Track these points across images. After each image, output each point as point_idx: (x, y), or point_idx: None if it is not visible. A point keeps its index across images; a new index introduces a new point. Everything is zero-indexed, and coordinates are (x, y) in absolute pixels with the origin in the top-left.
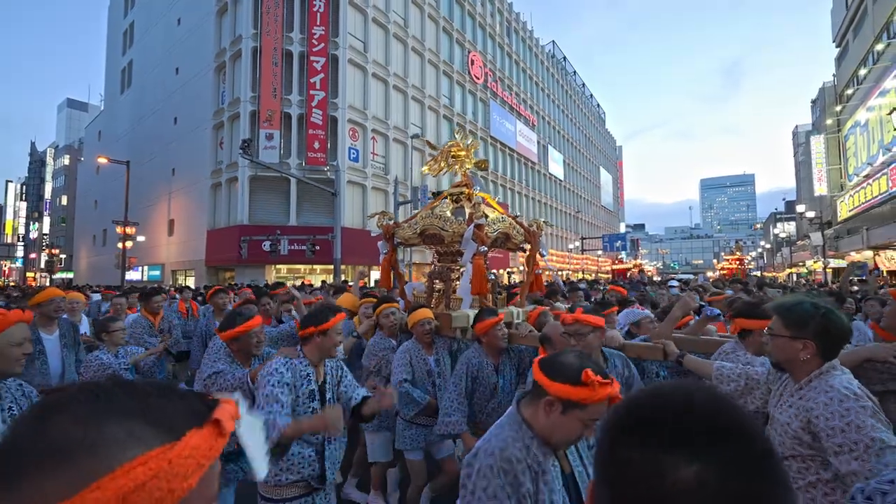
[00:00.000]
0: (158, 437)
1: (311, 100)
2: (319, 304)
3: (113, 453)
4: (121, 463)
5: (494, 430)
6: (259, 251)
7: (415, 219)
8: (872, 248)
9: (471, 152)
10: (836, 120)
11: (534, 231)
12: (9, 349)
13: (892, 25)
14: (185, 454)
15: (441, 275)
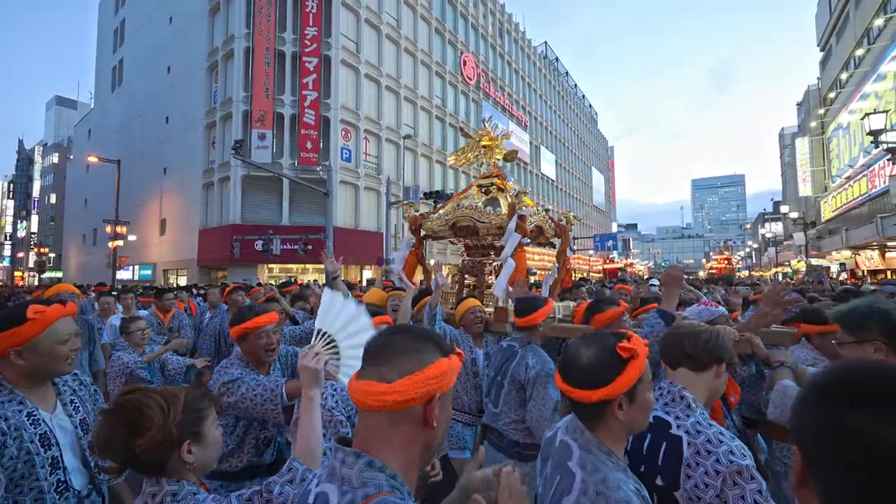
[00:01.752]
0: (441, 354)
1: (303, 100)
2: None
3: (429, 356)
4: (433, 361)
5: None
6: (251, 251)
7: (442, 210)
8: (851, 248)
9: (501, 143)
10: (821, 122)
11: (564, 225)
12: (56, 348)
13: (872, 31)
14: (451, 364)
15: (473, 269)
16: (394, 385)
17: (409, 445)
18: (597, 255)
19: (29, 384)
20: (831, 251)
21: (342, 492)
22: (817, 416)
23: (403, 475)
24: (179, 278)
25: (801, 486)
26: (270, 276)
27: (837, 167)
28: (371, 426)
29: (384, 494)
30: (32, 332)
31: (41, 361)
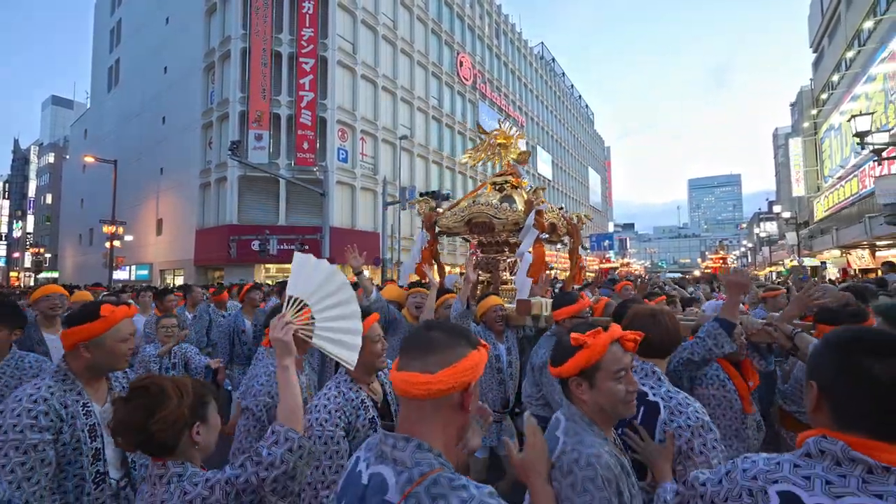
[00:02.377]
0: (472, 347)
1: (300, 101)
2: None
3: (463, 349)
4: (467, 353)
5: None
6: (248, 251)
7: (457, 207)
8: (841, 247)
9: (515, 142)
10: (813, 123)
11: (576, 224)
12: (117, 346)
13: (862, 34)
14: (481, 355)
15: (488, 265)
16: (437, 375)
17: (448, 427)
18: (593, 254)
19: (89, 376)
20: (823, 250)
21: (398, 472)
22: (838, 360)
23: (445, 453)
24: (176, 278)
25: (815, 411)
26: (267, 275)
27: (829, 167)
28: (414, 412)
29: (437, 471)
30: (101, 329)
31: (103, 357)
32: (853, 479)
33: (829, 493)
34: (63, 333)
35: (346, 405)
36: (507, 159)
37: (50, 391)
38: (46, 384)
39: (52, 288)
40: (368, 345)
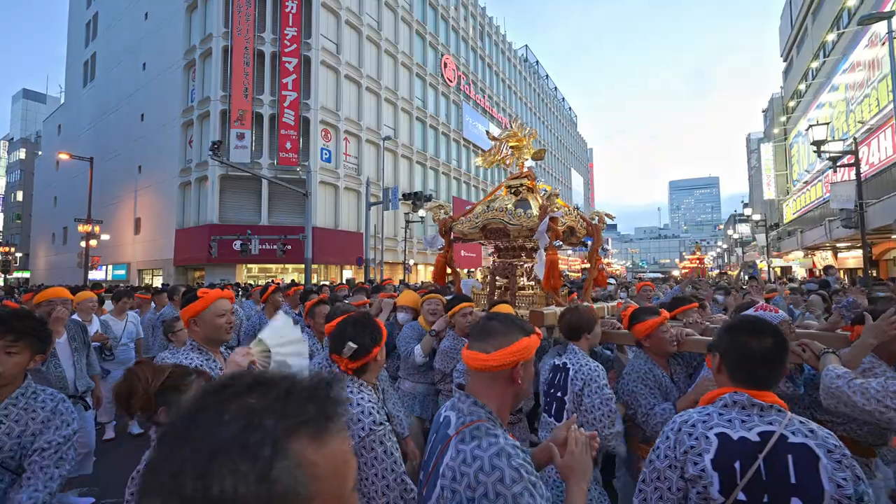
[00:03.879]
0: (524, 334)
1: (283, 100)
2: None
3: (515, 336)
4: (518, 339)
5: None
6: (229, 250)
7: (472, 213)
8: (806, 249)
9: (529, 143)
10: (783, 129)
11: (596, 225)
12: (216, 320)
13: (827, 46)
14: (531, 340)
15: (504, 270)
16: (492, 355)
17: (502, 393)
18: (575, 255)
19: (210, 348)
20: (790, 252)
21: (458, 416)
22: (731, 338)
23: (497, 412)
24: (155, 278)
25: (718, 373)
26: (249, 275)
27: (798, 172)
28: (477, 380)
29: (482, 421)
30: (201, 307)
31: (207, 329)
32: (755, 416)
33: (744, 427)
34: (181, 313)
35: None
36: (521, 161)
37: (194, 360)
38: (190, 357)
39: (56, 292)
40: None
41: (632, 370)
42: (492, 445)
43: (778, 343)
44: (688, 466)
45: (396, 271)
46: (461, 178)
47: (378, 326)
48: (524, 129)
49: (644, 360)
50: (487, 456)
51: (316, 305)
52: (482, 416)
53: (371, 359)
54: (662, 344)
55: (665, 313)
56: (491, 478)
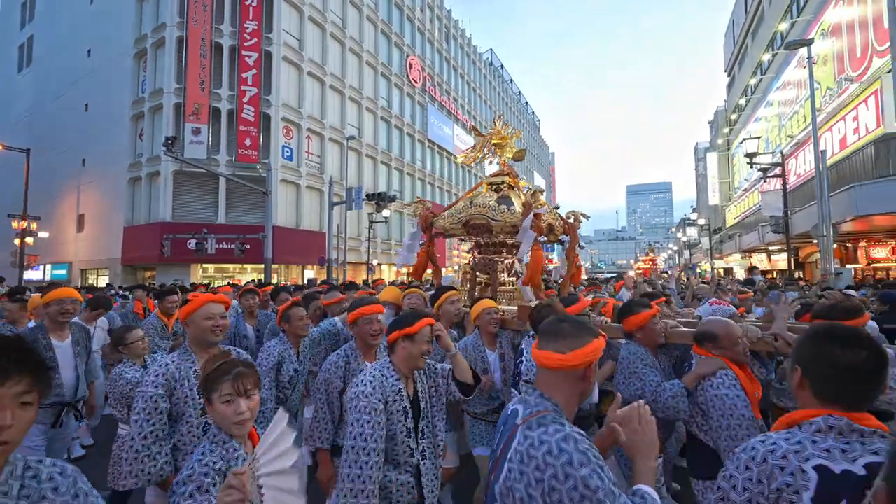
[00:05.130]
0: (594, 336)
1: (242, 95)
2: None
3: (588, 337)
4: (591, 340)
5: None
6: (184, 250)
7: (454, 207)
8: (743, 251)
9: (512, 141)
10: (726, 140)
11: (572, 223)
12: (203, 322)
13: (763, 65)
14: (601, 342)
15: (486, 266)
16: (568, 355)
17: (571, 389)
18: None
19: (196, 349)
20: (730, 254)
21: (525, 408)
22: (815, 348)
23: (563, 406)
24: (100, 278)
25: (799, 389)
26: (205, 275)
27: (738, 180)
28: (547, 377)
29: (548, 412)
30: (190, 309)
31: (195, 331)
32: (856, 444)
33: (846, 458)
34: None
35: (386, 385)
36: (503, 158)
37: (172, 360)
38: (172, 356)
39: (66, 292)
40: (420, 342)
41: (629, 354)
42: (558, 431)
43: (876, 355)
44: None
45: (360, 272)
46: (426, 179)
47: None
48: (507, 127)
49: (637, 346)
50: (555, 440)
51: (290, 308)
52: (548, 408)
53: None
54: (654, 335)
55: (655, 306)
56: (559, 460)
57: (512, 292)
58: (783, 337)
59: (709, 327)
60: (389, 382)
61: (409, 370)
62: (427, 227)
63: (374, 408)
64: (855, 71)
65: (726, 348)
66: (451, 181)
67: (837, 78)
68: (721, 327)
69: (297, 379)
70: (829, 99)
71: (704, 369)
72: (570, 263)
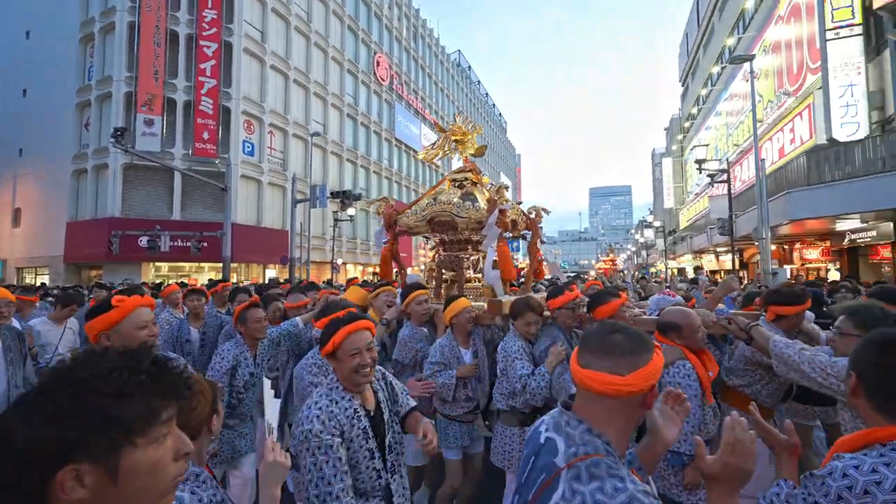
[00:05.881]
0: (652, 350)
1: (200, 87)
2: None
3: (648, 354)
4: (651, 358)
5: None
6: (134, 247)
7: (418, 204)
8: (694, 252)
9: (473, 138)
10: (681, 146)
11: (534, 219)
12: (135, 332)
13: (713, 77)
14: (661, 359)
15: (451, 263)
16: (627, 378)
17: (627, 420)
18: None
19: None
20: (682, 255)
21: (567, 444)
22: (878, 358)
23: (616, 443)
24: (39, 277)
25: (854, 397)
26: (158, 274)
27: (690, 185)
28: (595, 406)
29: (599, 455)
30: (116, 318)
31: (124, 344)
32: None
33: None
34: (86, 327)
35: (339, 414)
36: (464, 155)
37: None
38: None
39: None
40: (346, 359)
41: None
42: (619, 492)
43: None
44: None
45: (324, 271)
46: (392, 177)
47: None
48: (468, 123)
49: None
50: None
51: (248, 310)
52: (599, 450)
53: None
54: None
55: (624, 295)
56: None
57: (479, 289)
58: (735, 321)
59: (672, 317)
60: (341, 406)
61: (355, 385)
62: (391, 226)
63: (328, 445)
64: (792, 85)
65: (687, 337)
66: (419, 180)
67: (777, 91)
68: (682, 317)
69: (252, 383)
70: (770, 111)
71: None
72: (533, 258)
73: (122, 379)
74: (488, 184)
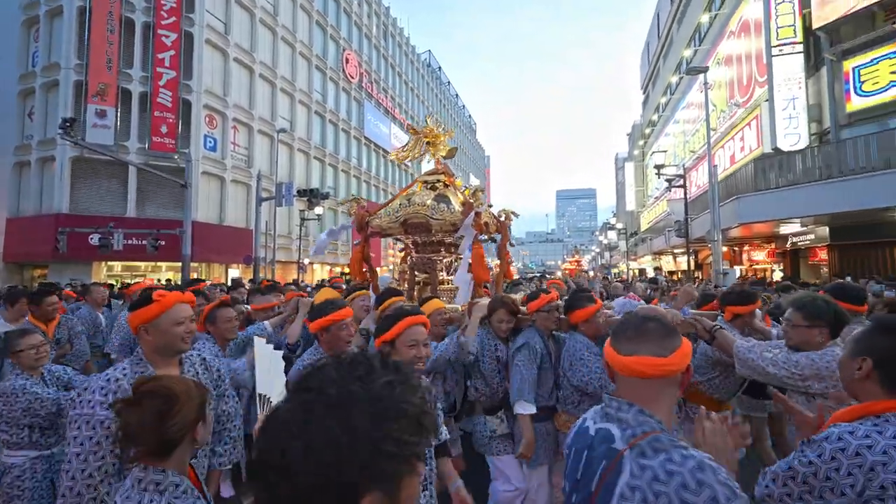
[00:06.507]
0: (679, 335)
1: (158, 78)
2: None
3: (677, 338)
4: (682, 339)
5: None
6: (84, 245)
7: (391, 206)
8: (653, 253)
9: (444, 139)
10: (642, 151)
11: (503, 221)
12: (172, 328)
13: (672, 86)
14: (686, 341)
15: (425, 266)
16: (670, 358)
17: (671, 401)
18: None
19: (158, 359)
20: (643, 256)
21: (622, 428)
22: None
23: (666, 423)
24: None
25: (865, 380)
26: (110, 274)
27: (651, 189)
28: (642, 389)
29: (657, 433)
30: (156, 312)
31: (162, 338)
32: None
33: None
34: (128, 319)
35: None
36: (436, 157)
37: (124, 373)
38: (122, 366)
39: None
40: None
41: (575, 343)
42: (687, 458)
43: None
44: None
45: (290, 271)
46: (361, 176)
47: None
48: (440, 125)
49: (581, 336)
50: (687, 471)
51: (218, 309)
52: (655, 427)
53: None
54: (597, 328)
55: (599, 301)
56: (701, 496)
57: (452, 291)
58: (700, 321)
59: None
60: None
61: None
62: (362, 227)
63: None
64: (742, 97)
65: None
66: (388, 180)
67: (729, 102)
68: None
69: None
70: (723, 120)
71: None
72: (503, 260)
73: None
74: (461, 186)
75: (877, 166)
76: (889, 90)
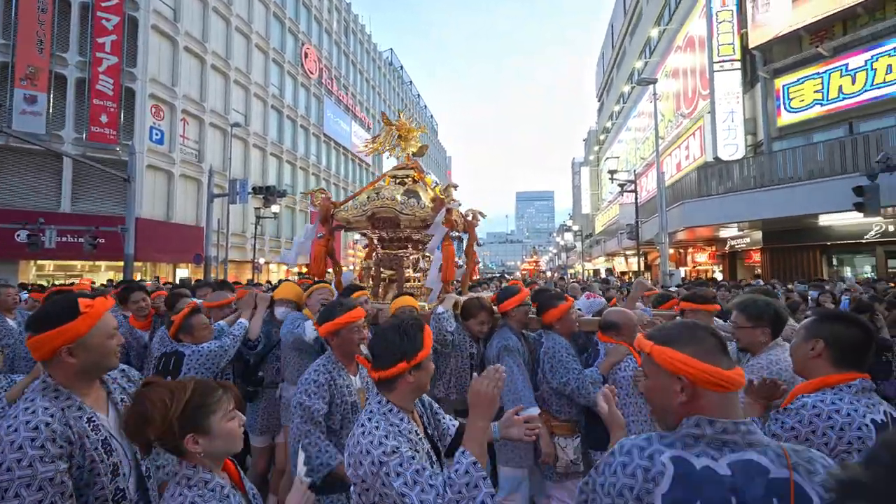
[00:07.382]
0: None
1: (97, 63)
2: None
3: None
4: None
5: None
6: (9, 242)
7: (357, 199)
8: (607, 255)
9: (416, 136)
10: (597, 156)
11: (471, 221)
12: (106, 343)
13: (624, 95)
14: None
15: (391, 262)
16: (737, 370)
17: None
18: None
19: (80, 384)
20: (597, 257)
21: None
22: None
23: None
24: None
25: (817, 358)
26: (41, 274)
27: (604, 193)
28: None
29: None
30: (86, 327)
31: (92, 358)
32: (875, 400)
33: (876, 411)
34: (35, 341)
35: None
36: (407, 152)
37: (48, 413)
38: (41, 406)
39: None
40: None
41: (554, 345)
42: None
43: (870, 332)
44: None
45: (244, 270)
46: (321, 174)
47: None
48: (412, 121)
49: (558, 336)
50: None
51: (190, 317)
52: (766, 438)
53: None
54: (571, 325)
55: (570, 299)
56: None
57: (420, 288)
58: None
59: (612, 317)
60: (404, 428)
61: (412, 403)
62: (327, 219)
63: (409, 457)
64: (687, 108)
65: (626, 335)
66: (349, 178)
67: (676, 113)
68: (621, 317)
69: None
70: (670, 130)
71: (615, 357)
72: (470, 260)
73: None
74: (432, 183)
75: (802, 177)
76: (813, 107)
